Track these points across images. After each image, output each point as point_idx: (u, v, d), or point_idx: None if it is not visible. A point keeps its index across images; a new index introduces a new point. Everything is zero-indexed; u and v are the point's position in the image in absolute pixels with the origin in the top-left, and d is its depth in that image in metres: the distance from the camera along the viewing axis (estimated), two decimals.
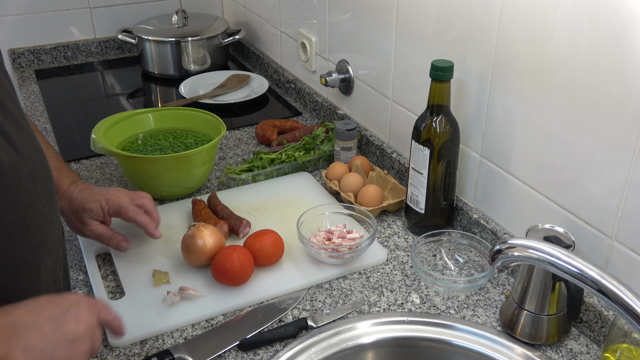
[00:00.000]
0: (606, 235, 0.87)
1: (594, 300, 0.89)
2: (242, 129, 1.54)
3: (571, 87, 0.86)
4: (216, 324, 0.93)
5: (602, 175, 0.85)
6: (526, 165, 0.97)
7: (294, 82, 1.68)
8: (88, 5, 1.94)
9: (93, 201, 0.99)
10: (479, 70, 1.02)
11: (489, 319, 0.94)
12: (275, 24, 1.75)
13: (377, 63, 1.30)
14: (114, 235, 1.01)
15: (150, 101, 1.80)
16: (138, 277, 1.01)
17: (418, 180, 1.08)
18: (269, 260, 1.02)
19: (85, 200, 0.98)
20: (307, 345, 0.89)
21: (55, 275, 0.76)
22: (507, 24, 0.94)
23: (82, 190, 0.99)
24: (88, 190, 1.00)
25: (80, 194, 0.99)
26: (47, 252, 0.70)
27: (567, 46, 0.85)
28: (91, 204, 0.98)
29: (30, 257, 0.67)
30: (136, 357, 0.87)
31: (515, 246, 0.70)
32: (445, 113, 1.04)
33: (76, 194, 0.98)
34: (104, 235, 1.01)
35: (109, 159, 1.39)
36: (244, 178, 1.28)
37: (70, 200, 0.98)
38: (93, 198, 0.99)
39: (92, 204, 0.98)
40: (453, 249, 1.09)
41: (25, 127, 0.68)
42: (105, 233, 1.01)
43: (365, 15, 1.30)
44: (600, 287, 0.62)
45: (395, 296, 0.99)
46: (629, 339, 0.76)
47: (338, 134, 1.29)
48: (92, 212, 0.99)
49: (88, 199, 0.99)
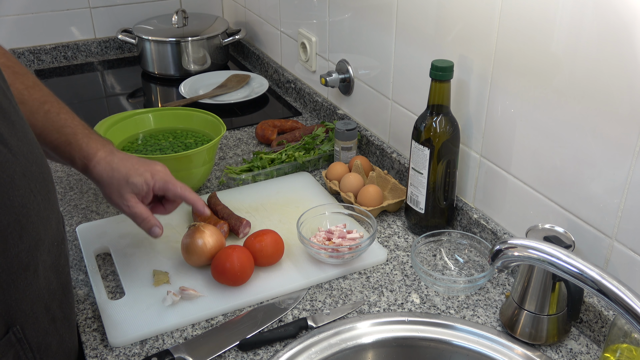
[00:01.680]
0: (606, 235, 0.87)
1: (594, 300, 0.89)
2: (242, 129, 1.54)
3: (571, 87, 0.86)
4: (216, 324, 0.93)
5: (602, 175, 0.85)
6: (526, 165, 0.97)
7: (294, 82, 1.68)
8: (88, 5, 1.94)
9: (137, 175, 0.92)
10: (479, 70, 1.02)
11: (489, 319, 0.94)
12: (275, 24, 1.75)
13: (377, 63, 1.30)
14: (150, 218, 0.94)
15: (150, 101, 1.80)
16: (138, 277, 1.01)
17: (418, 180, 1.08)
18: (269, 260, 1.02)
19: (129, 172, 0.92)
20: (307, 345, 0.89)
21: (58, 271, 0.74)
22: (507, 24, 0.94)
23: (122, 159, 0.94)
24: (130, 161, 0.94)
25: (121, 163, 0.93)
26: (44, 250, 0.69)
27: (567, 46, 0.85)
28: (135, 177, 0.92)
29: (27, 258, 0.66)
30: (136, 357, 0.87)
31: (515, 246, 0.70)
32: (445, 113, 1.04)
33: (116, 163, 0.93)
34: (140, 215, 0.94)
35: None
36: (244, 178, 1.28)
37: (111, 169, 0.92)
38: (137, 171, 0.93)
39: (137, 177, 0.92)
40: (453, 249, 1.09)
41: (18, 123, 0.67)
42: (142, 213, 0.94)
43: (365, 15, 1.30)
44: (600, 287, 0.62)
45: (395, 296, 0.99)
46: (629, 339, 0.76)
47: (338, 134, 1.29)
48: (135, 187, 0.92)
49: (132, 172, 0.92)
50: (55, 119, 0.92)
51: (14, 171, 0.63)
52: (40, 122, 0.91)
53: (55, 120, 0.91)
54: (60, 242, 0.75)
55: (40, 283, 0.69)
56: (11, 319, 0.66)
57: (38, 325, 0.70)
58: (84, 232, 1.12)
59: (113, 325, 0.91)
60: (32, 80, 0.93)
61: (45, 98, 0.92)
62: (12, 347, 0.66)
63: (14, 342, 0.66)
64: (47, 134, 0.91)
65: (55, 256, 0.73)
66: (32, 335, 0.69)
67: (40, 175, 0.68)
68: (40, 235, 0.68)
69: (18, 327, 0.67)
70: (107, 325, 0.91)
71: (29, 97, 0.91)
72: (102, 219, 1.17)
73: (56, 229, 0.73)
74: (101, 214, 1.19)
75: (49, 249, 0.71)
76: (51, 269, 0.72)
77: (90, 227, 1.13)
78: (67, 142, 0.92)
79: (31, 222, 0.66)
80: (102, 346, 0.89)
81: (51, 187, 0.72)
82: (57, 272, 0.74)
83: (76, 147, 0.92)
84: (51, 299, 0.73)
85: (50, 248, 0.71)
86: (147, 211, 0.95)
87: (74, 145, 0.92)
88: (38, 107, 0.91)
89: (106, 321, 0.92)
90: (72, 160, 0.93)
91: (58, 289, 0.75)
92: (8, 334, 0.66)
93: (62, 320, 0.77)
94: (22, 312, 0.67)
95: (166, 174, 0.96)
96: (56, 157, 0.95)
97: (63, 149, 0.92)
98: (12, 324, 0.66)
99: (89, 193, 1.26)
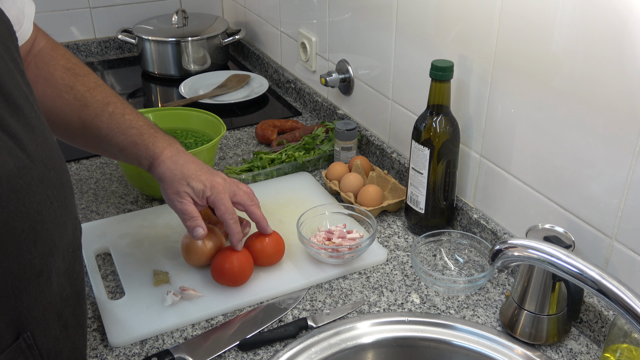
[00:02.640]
0: (606, 235, 0.87)
1: (594, 300, 0.89)
2: (242, 129, 1.54)
3: (571, 87, 0.86)
4: (216, 324, 0.93)
5: (602, 175, 0.85)
6: (526, 165, 0.97)
7: (294, 82, 1.68)
8: (88, 5, 1.94)
9: (199, 181, 0.94)
10: (479, 70, 1.02)
11: (489, 319, 0.94)
12: (275, 24, 1.75)
13: (377, 63, 1.30)
14: (197, 218, 0.95)
15: (150, 101, 1.80)
16: (138, 277, 1.01)
17: (418, 180, 1.08)
18: (269, 260, 1.02)
19: (192, 176, 0.94)
20: (307, 345, 0.89)
21: (72, 277, 0.74)
22: (507, 24, 0.94)
23: (188, 161, 0.95)
24: (195, 164, 0.95)
25: (186, 165, 0.94)
26: (58, 256, 0.68)
27: (567, 46, 0.85)
28: (197, 183, 0.94)
29: (40, 264, 0.65)
30: (136, 357, 0.87)
31: (515, 246, 0.70)
32: (445, 113, 1.04)
33: (181, 163, 0.94)
34: (189, 213, 0.95)
35: (109, 159, 1.39)
36: (244, 178, 1.28)
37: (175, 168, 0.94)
38: (199, 177, 0.94)
39: (198, 183, 0.94)
40: (453, 249, 1.09)
41: (39, 128, 0.66)
42: (191, 212, 0.95)
43: (365, 15, 1.30)
44: (600, 287, 0.62)
45: (395, 296, 0.99)
46: (629, 339, 0.76)
47: (338, 134, 1.29)
48: (192, 190, 0.94)
49: (194, 176, 0.94)
50: (120, 121, 0.93)
51: (31, 177, 0.62)
52: (105, 125, 0.92)
53: (120, 122, 0.92)
54: (75, 248, 0.74)
55: (53, 289, 0.68)
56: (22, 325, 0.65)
57: (49, 331, 0.69)
58: (84, 232, 1.11)
59: (113, 325, 0.91)
60: (94, 81, 0.94)
61: (108, 99, 0.93)
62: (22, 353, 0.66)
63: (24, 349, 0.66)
64: (113, 136, 0.93)
65: (69, 263, 0.72)
66: (43, 341, 0.68)
67: (58, 181, 0.67)
68: (55, 242, 0.67)
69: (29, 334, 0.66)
70: (107, 325, 0.91)
71: (91, 99, 0.92)
72: (102, 219, 1.17)
73: (72, 236, 0.72)
74: (101, 214, 1.19)
75: (64, 256, 0.70)
76: (65, 276, 0.71)
77: (90, 227, 1.13)
78: (133, 143, 0.93)
79: (46, 228, 0.65)
80: (102, 346, 0.89)
81: (69, 194, 0.71)
82: (71, 279, 0.74)
83: (142, 147, 0.93)
84: (64, 306, 0.72)
85: (65, 255, 0.70)
86: (196, 211, 0.96)
87: (140, 147, 0.93)
88: (102, 109, 0.92)
89: (106, 321, 0.92)
90: (138, 160, 0.94)
91: (72, 295, 0.74)
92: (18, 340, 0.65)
93: (75, 327, 0.76)
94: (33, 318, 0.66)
95: (223, 190, 0.96)
96: (122, 157, 0.96)
97: (129, 151, 0.94)
98: (23, 330, 0.65)
99: (89, 193, 1.26)
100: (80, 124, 0.93)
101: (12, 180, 0.59)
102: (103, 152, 1.01)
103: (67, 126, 0.94)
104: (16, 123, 0.62)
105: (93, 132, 0.94)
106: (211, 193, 0.95)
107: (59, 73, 0.92)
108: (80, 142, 0.99)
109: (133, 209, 1.21)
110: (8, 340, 0.63)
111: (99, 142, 0.96)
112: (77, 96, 0.92)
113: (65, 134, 0.97)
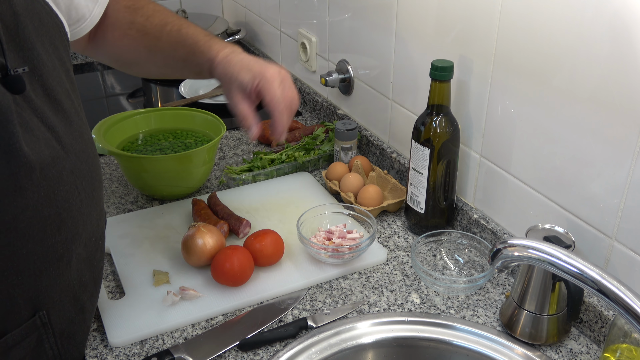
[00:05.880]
0: (606, 235, 0.87)
1: (594, 300, 0.89)
2: (242, 129, 1.54)
3: (571, 87, 0.86)
4: (216, 324, 0.93)
5: (602, 175, 0.85)
6: (526, 165, 0.97)
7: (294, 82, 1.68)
8: None
9: (247, 70, 0.93)
10: (479, 70, 1.02)
11: (489, 319, 0.94)
12: (275, 24, 1.75)
13: (377, 63, 1.30)
14: (249, 117, 0.94)
15: (150, 101, 1.80)
16: (138, 277, 1.01)
17: (418, 180, 1.08)
18: (269, 260, 1.02)
19: (241, 69, 0.93)
20: (307, 345, 0.89)
21: (93, 265, 0.77)
22: (507, 24, 0.94)
23: (242, 59, 0.94)
24: (248, 60, 0.94)
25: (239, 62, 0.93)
26: (80, 243, 0.72)
27: (567, 46, 0.85)
28: (245, 74, 0.92)
29: (62, 249, 0.68)
30: (136, 357, 0.87)
31: (515, 246, 0.70)
32: (445, 113, 1.04)
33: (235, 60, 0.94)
34: (240, 112, 0.94)
35: (109, 159, 1.39)
36: (244, 178, 1.28)
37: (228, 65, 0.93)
38: (248, 67, 0.93)
39: (246, 75, 0.92)
40: (453, 249, 1.09)
41: (76, 123, 0.71)
42: (242, 111, 0.94)
43: (365, 15, 1.30)
44: (600, 287, 0.62)
45: (395, 296, 0.99)
46: (629, 339, 0.76)
47: (338, 134, 1.29)
48: (240, 83, 0.93)
49: (244, 69, 0.93)
50: (177, 36, 0.96)
51: (63, 167, 0.66)
52: (165, 45, 0.96)
53: (176, 37, 0.96)
54: (98, 238, 0.78)
55: (72, 274, 0.72)
56: (39, 304, 0.69)
57: (64, 313, 0.73)
58: None
59: (113, 325, 0.91)
60: (152, 8, 0.98)
61: (165, 20, 0.97)
62: (37, 330, 0.70)
63: (38, 326, 0.70)
64: (174, 52, 0.97)
65: (91, 251, 0.76)
66: (57, 321, 0.72)
67: (88, 173, 0.71)
68: (79, 230, 0.71)
69: (44, 312, 0.70)
70: (107, 325, 0.91)
71: (150, 25, 0.96)
72: None
73: (96, 225, 0.76)
74: None
75: (86, 244, 0.73)
76: (85, 262, 0.75)
77: None
78: (191, 52, 0.96)
79: (71, 216, 0.69)
80: (102, 346, 0.89)
81: (97, 186, 0.75)
82: (92, 266, 0.77)
83: (199, 54, 0.96)
84: (82, 291, 0.75)
85: (87, 242, 0.74)
86: (249, 110, 0.94)
87: (197, 53, 0.96)
88: (160, 32, 0.96)
89: (106, 321, 0.92)
90: (200, 67, 0.97)
91: (90, 281, 0.77)
92: (34, 317, 0.69)
93: (92, 312, 0.80)
94: (50, 298, 0.70)
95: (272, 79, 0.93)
96: (187, 70, 1.00)
97: (191, 60, 0.97)
98: (39, 308, 0.69)
99: None
100: (147, 52, 0.98)
101: (45, 169, 0.64)
102: (173, 72, 1.04)
103: (138, 59, 1.00)
104: (55, 117, 0.67)
105: (159, 55, 0.99)
106: (259, 81, 0.92)
107: (121, 15, 0.96)
108: (153, 70, 1.05)
109: (133, 209, 1.21)
110: (25, 316, 0.68)
111: (166, 63, 1.00)
112: (138, 28, 0.96)
113: (141, 66, 1.03)
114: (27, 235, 0.64)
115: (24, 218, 0.63)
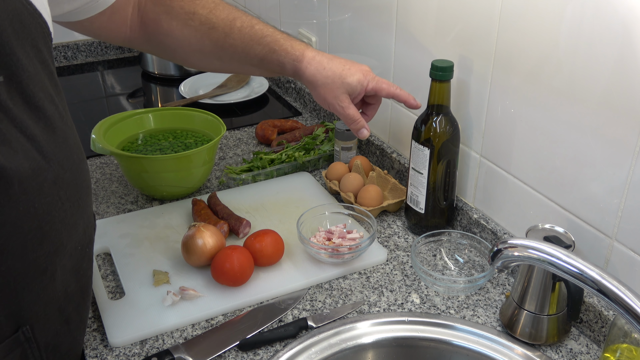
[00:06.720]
0: (606, 235, 0.87)
1: (594, 300, 0.89)
2: (242, 129, 1.54)
3: (571, 87, 0.86)
4: (216, 324, 0.93)
5: (602, 175, 0.85)
6: (526, 165, 0.97)
7: (294, 82, 1.68)
8: None
9: (351, 74, 0.92)
10: (479, 70, 1.02)
11: (489, 319, 0.94)
12: (275, 24, 1.75)
13: (377, 63, 1.30)
14: (360, 120, 0.96)
15: (150, 101, 1.80)
16: (138, 277, 1.01)
17: (418, 180, 1.08)
18: (269, 260, 1.02)
19: (344, 72, 0.92)
20: (307, 345, 0.89)
21: (79, 274, 0.74)
22: (507, 24, 0.94)
23: (331, 59, 0.94)
24: (339, 60, 0.94)
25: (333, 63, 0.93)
26: (65, 255, 0.69)
27: (567, 46, 0.85)
28: (350, 77, 0.92)
29: (45, 263, 0.65)
30: (136, 357, 0.87)
31: (515, 246, 0.70)
32: (445, 113, 1.04)
33: (327, 62, 0.93)
34: (352, 116, 0.95)
35: (109, 159, 1.39)
36: (244, 178, 1.28)
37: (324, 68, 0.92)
38: (350, 71, 0.93)
39: (351, 77, 0.92)
40: (453, 249, 1.09)
41: (60, 129, 0.66)
42: (354, 115, 0.95)
43: (365, 15, 1.30)
44: (600, 287, 0.62)
45: (395, 296, 0.99)
46: (629, 339, 0.76)
47: (338, 134, 1.29)
48: (349, 87, 0.93)
49: (346, 72, 0.93)
50: (251, 32, 0.94)
51: (44, 178, 0.63)
52: (238, 41, 0.94)
53: (252, 34, 0.94)
54: (85, 245, 0.74)
55: (56, 286, 0.69)
56: (22, 319, 0.66)
57: (49, 326, 0.70)
58: None
59: (113, 325, 0.91)
60: (212, 1, 0.95)
61: (232, 15, 0.95)
62: (20, 346, 0.67)
63: (22, 341, 0.67)
64: (249, 50, 0.94)
65: (77, 260, 0.73)
66: (42, 335, 0.69)
67: (73, 182, 0.68)
68: (63, 241, 0.67)
69: (28, 327, 0.67)
70: (107, 325, 0.91)
71: (216, 19, 0.93)
72: (102, 219, 1.16)
73: (83, 234, 0.73)
74: (101, 214, 1.19)
75: (71, 254, 0.70)
76: (71, 273, 0.72)
77: None
78: (271, 50, 0.94)
79: (54, 228, 0.65)
80: (102, 346, 0.89)
81: (83, 194, 0.71)
82: (78, 276, 0.74)
83: (282, 52, 0.94)
84: (67, 302, 0.72)
85: (72, 252, 0.71)
86: (358, 113, 0.96)
87: (279, 52, 0.94)
88: (230, 27, 0.93)
89: (106, 321, 0.92)
90: (281, 66, 0.95)
91: (76, 292, 0.75)
92: (17, 333, 0.66)
93: (78, 322, 0.77)
94: (34, 313, 0.67)
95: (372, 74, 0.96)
96: (262, 68, 0.97)
97: (270, 59, 0.95)
98: (23, 324, 0.66)
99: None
100: (212, 46, 0.96)
101: (24, 182, 0.60)
102: (240, 68, 1.02)
103: (201, 51, 0.97)
104: (36, 125, 0.62)
105: (228, 51, 0.96)
106: (367, 80, 0.94)
107: (176, 3, 0.94)
108: (216, 64, 1.01)
109: (133, 209, 1.21)
110: (7, 332, 0.64)
111: (236, 59, 0.97)
112: (202, 20, 0.94)
113: (201, 59, 1.00)
114: (6, 251, 0.60)
115: (2, 234, 0.59)
